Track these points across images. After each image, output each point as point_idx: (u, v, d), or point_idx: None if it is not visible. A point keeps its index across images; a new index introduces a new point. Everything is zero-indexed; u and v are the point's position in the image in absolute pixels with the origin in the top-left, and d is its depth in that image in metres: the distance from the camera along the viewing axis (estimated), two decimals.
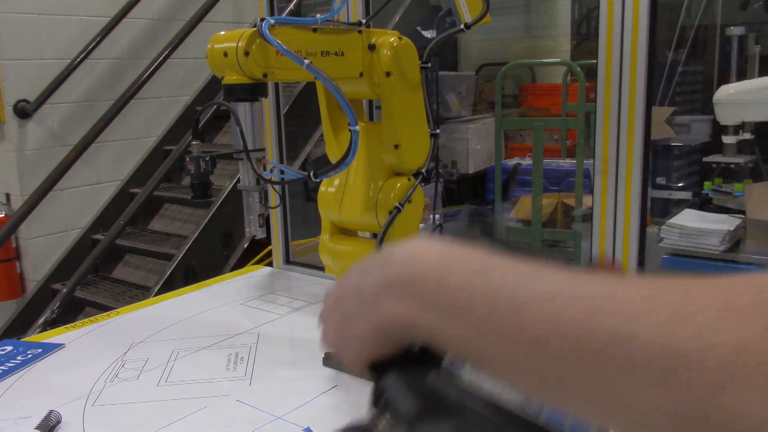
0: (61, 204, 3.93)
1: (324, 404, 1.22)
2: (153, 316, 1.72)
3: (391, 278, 0.51)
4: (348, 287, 0.57)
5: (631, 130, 1.36)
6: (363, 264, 0.57)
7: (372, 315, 0.52)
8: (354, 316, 0.55)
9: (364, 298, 0.54)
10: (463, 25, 1.31)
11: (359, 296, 0.54)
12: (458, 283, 0.46)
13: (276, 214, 2.10)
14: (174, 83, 4.39)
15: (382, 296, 0.51)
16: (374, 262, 0.55)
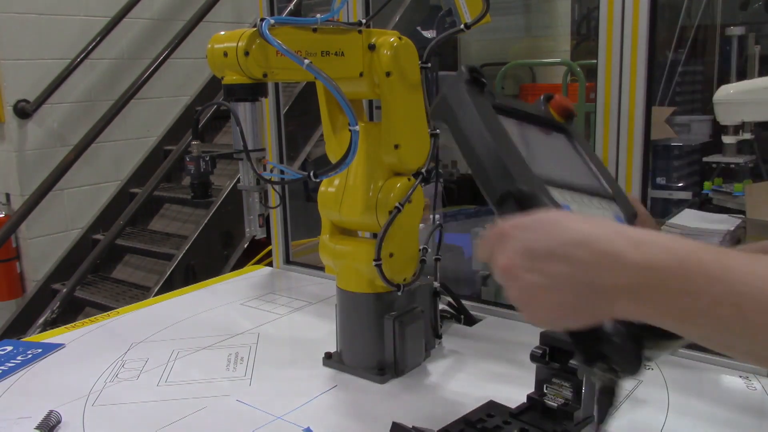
0: (61, 204, 3.93)
1: (324, 404, 1.22)
2: (153, 316, 1.72)
3: (630, 284, 0.54)
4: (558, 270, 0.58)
5: (631, 130, 1.36)
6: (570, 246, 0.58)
7: (599, 310, 0.57)
8: (569, 303, 0.58)
9: (588, 292, 0.56)
10: (463, 25, 1.31)
11: (578, 286, 0.57)
12: (700, 289, 0.51)
13: (276, 214, 2.10)
14: (174, 83, 4.39)
15: (616, 298, 0.55)
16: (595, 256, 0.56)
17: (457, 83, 0.77)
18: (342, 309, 1.35)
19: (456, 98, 0.76)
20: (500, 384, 1.26)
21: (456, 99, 0.76)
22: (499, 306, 1.68)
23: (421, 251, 1.35)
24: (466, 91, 0.76)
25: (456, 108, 0.75)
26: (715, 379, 1.27)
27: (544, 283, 0.58)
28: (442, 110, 0.77)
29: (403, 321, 1.29)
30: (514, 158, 0.71)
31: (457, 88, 0.76)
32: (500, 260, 0.62)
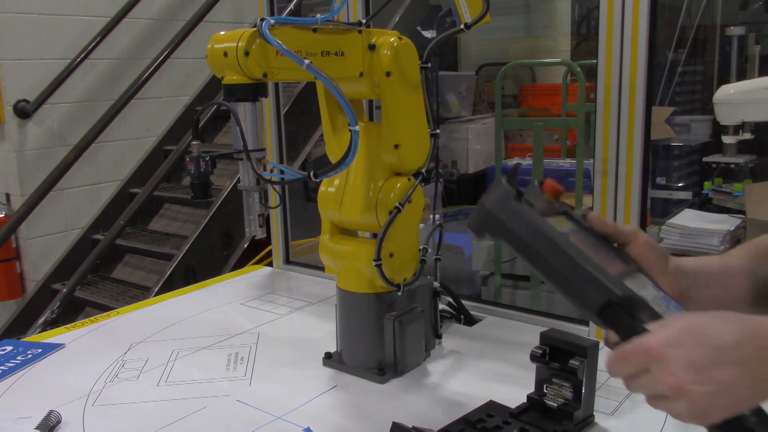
0: (61, 204, 3.93)
1: (324, 404, 1.22)
2: (153, 316, 1.72)
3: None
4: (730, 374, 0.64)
5: (631, 130, 1.36)
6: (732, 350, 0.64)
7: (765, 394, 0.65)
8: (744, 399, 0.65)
9: (761, 383, 0.64)
10: (463, 25, 1.31)
11: (753, 382, 0.64)
12: None
13: (276, 214, 2.10)
14: (174, 83, 4.39)
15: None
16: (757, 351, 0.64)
17: (504, 198, 0.79)
18: (342, 309, 1.35)
19: (508, 214, 0.78)
20: (500, 384, 1.26)
21: (509, 215, 0.78)
22: (499, 306, 1.68)
23: (421, 251, 1.35)
24: (517, 206, 0.78)
25: (515, 226, 0.78)
26: None
27: (718, 390, 0.64)
28: (493, 227, 0.79)
29: (403, 321, 1.29)
30: (594, 265, 0.75)
31: (505, 204, 0.78)
32: (667, 380, 0.65)
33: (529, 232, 0.77)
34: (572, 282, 0.75)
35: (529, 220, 0.77)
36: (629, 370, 0.69)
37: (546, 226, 0.77)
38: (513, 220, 0.78)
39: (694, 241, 2.53)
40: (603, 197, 1.41)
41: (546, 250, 0.76)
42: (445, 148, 4.54)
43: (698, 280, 0.87)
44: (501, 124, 3.58)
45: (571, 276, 0.75)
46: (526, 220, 0.77)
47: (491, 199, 0.80)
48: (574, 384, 1.07)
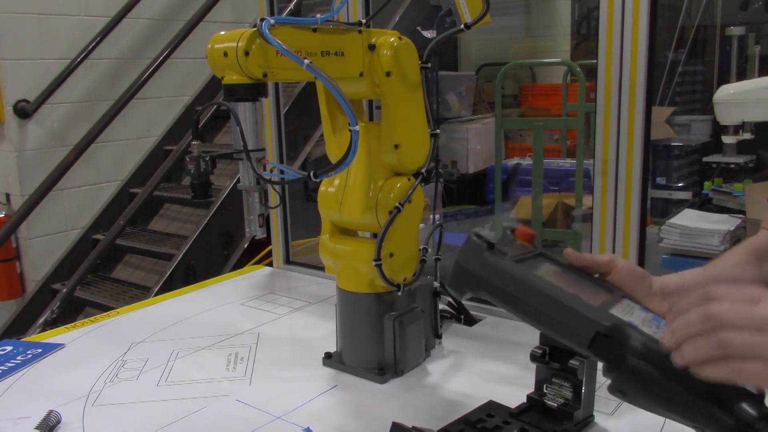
0: (61, 204, 3.93)
1: (324, 404, 1.22)
2: (153, 316, 1.72)
3: None
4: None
5: (631, 130, 1.36)
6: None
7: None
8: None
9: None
10: (463, 25, 1.31)
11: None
12: None
13: (276, 214, 2.10)
14: (174, 83, 4.39)
15: None
16: None
17: (476, 252, 0.80)
18: (342, 309, 1.35)
19: (482, 267, 0.80)
20: (500, 384, 1.26)
21: (483, 268, 0.80)
22: None
23: (421, 251, 1.35)
24: (489, 257, 0.80)
25: (490, 277, 0.79)
26: None
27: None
28: (470, 282, 0.81)
29: (403, 321, 1.29)
30: (576, 301, 0.77)
31: (478, 258, 0.80)
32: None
33: (506, 280, 0.78)
34: (558, 321, 0.77)
35: (503, 269, 0.79)
36: (683, 338, 0.66)
37: (521, 272, 0.79)
38: (488, 272, 0.79)
39: (694, 241, 2.53)
40: (603, 197, 1.41)
41: (525, 295, 0.77)
42: (445, 148, 4.54)
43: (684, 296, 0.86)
44: (501, 124, 3.58)
45: (555, 316, 0.76)
46: (500, 270, 0.79)
47: (463, 256, 0.82)
48: (574, 384, 1.07)
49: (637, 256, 1.41)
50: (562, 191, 3.95)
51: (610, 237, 1.43)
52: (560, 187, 4.03)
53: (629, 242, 1.41)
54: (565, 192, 3.91)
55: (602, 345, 0.74)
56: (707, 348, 0.64)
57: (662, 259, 2.59)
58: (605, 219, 1.43)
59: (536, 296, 0.77)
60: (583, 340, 0.75)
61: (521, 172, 4.24)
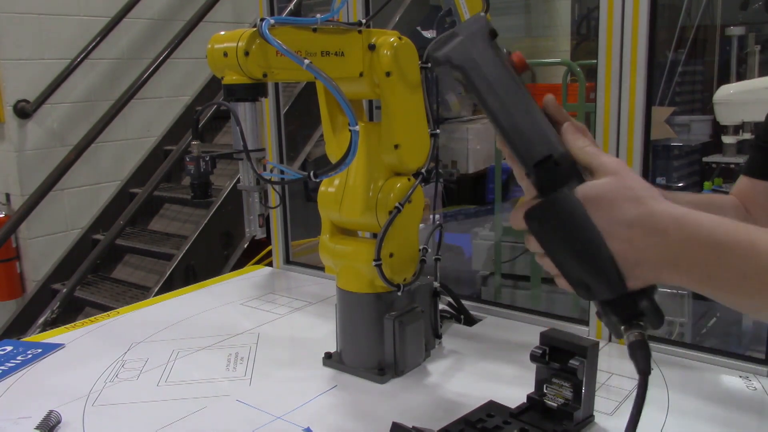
0: (61, 204, 3.93)
1: (324, 404, 1.22)
2: (153, 316, 1.72)
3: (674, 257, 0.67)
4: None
5: (631, 130, 1.36)
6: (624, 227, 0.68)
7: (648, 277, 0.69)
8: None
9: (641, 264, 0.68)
10: None
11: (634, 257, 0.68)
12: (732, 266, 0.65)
13: (276, 214, 2.10)
14: (174, 83, 4.39)
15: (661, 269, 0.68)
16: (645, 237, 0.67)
17: (481, 32, 0.78)
18: (342, 309, 1.35)
19: (480, 48, 0.78)
20: (500, 384, 1.26)
21: (480, 49, 0.78)
22: (499, 306, 1.68)
23: (421, 251, 1.35)
24: (491, 43, 0.78)
25: (483, 61, 0.78)
26: (715, 379, 1.27)
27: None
28: (461, 57, 0.78)
29: (403, 321, 1.29)
30: (545, 121, 0.76)
31: (481, 38, 0.78)
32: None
33: (495, 71, 0.77)
34: (519, 128, 0.75)
35: (497, 60, 0.77)
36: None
37: (511, 71, 0.78)
38: (483, 56, 0.78)
39: None
40: None
41: (505, 92, 0.77)
42: (445, 148, 4.54)
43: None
44: None
45: (520, 123, 0.75)
46: (493, 59, 0.77)
47: (467, 29, 0.79)
48: (574, 384, 1.07)
49: None
50: None
51: None
52: None
53: None
54: None
55: (547, 169, 0.73)
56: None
57: None
58: None
59: (514, 97, 0.77)
60: (533, 156, 0.74)
61: None
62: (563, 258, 0.72)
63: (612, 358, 1.37)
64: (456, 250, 3.65)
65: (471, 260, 3.63)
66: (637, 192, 0.68)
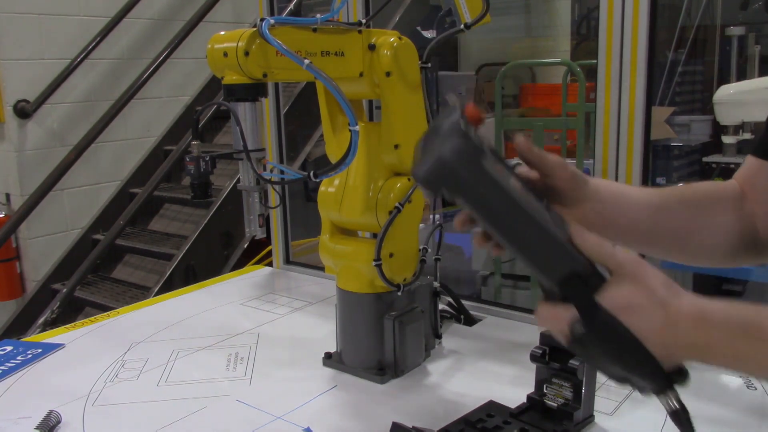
0: (61, 204, 3.93)
1: (324, 404, 1.22)
2: (153, 316, 1.72)
3: (694, 347, 0.71)
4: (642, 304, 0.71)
5: (631, 130, 1.36)
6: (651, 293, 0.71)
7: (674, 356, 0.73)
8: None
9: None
10: (463, 25, 1.31)
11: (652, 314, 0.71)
12: (748, 356, 0.69)
13: (276, 214, 2.10)
14: (174, 83, 4.39)
15: (684, 354, 0.72)
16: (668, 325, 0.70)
17: (473, 156, 0.70)
18: (342, 309, 1.35)
19: (474, 173, 0.69)
20: (500, 384, 1.26)
21: (475, 174, 0.69)
22: (499, 306, 1.68)
23: (421, 251, 1.35)
24: (486, 165, 0.70)
25: (480, 186, 0.70)
26: (715, 379, 1.27)
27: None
28: (453, 184, 0.70)
29: (403, 321, 1.29)
30: (557, 230, 0.72)
31: (473, 162, 0.70)
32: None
33: (496, 193, 0.70)
34: (535, 248, 0.72)
35: (497, 182, 0.70)
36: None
37: (513, 187, 0.71)
38: (479, 180, 0.70)
39: None
40: None
41: (511, 213, 0.71)
42: None
43: (612, 205, 0.91)
44: (501, 124, 3.58)
45: (535, 242, 0.72)
46: (493, 181, 0.70)
47: (453, 153, 0.69)
48: (574, 384, 1.07)
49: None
50: None
51: None
52: None
53: None
54: None
55: (573, 285, 0.71)
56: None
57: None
58: None
59: (522, 217, 0.71)
60: (555, 275, 0.71)
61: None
62: (605, 363, 0.74)
63: None
64: (456, 250, 3.65)
65: (471, 260, 3.63)
66: (660, 295, 0.71)
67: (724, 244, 0.94)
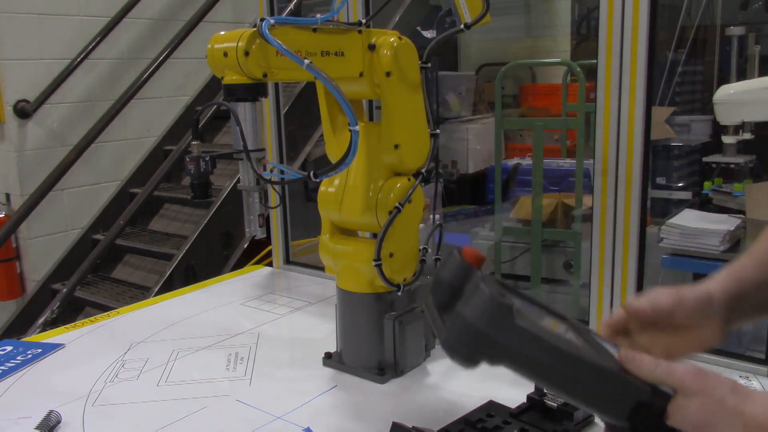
0: (61, 204, 3.93)
1: (324, 404, 1.22)
2: (153, 316, 1.72)
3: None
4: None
5: (631, 130, 1.36)
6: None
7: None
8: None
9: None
10: (463, 25, 1.31)
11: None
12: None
13: (276, 214, 2.10)
14: (174, 83, 4.39)
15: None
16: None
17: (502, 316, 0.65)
18: (342, 309, 1.35)
19: (508, 333, 0.65)
20: (500, 384, 1.25)
21: (509, 334, 0.65)
22: None
23: (421, 251, 1.35)
24: (525, 323, 0.65)
25: (518, 344, 0.65)
26: None
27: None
28: (491, 350, 0.65)
29: (403, 321, 1.29)
30: (611, 363, 0.69)
31: (506, 322, 0.65)
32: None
33: (537, 348, 0.65)
34: (592, 391, 0.68)
35: (536, 335, 0.65)
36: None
37: (551, 332, 0.67)
38: (517, 339, 0.65)
39: (694, 241, 2.53)
40: (603, 197, 1.41)
41: (558, 364, 0.66)
42: (445, 148, 4.54)
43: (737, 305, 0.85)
44: (501, 124, 3.58)
45: (590, 385, 0.67)
46: (532, 336, 0.65)
47: (482, 317, 0.65)
48: None
49: (637, 256, 1.41)
50: (562, 191, 3.95)
51: (610, 237, 1.43)
52: (560, 187, 4.03)
53: (629, 242, 1.41)
54: (565, 192, 3.91)
55: (641, 416, 0.67)
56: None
57: (662, 259, 2.59)
58: (605, 219, 1.43)
59: (571, 363, 0.66)
60: (621, 412, 0.68)
61: (521, 172, 4.23)
62: None
63: None
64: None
65: None
66: (731, 404, 0.68)
67: None
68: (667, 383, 0.70)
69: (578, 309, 3.06)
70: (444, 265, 0.76)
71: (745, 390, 0.70)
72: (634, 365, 0.71)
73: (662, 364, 0.71)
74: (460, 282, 0.72)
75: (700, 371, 0.71)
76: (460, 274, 0.72)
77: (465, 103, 4.86)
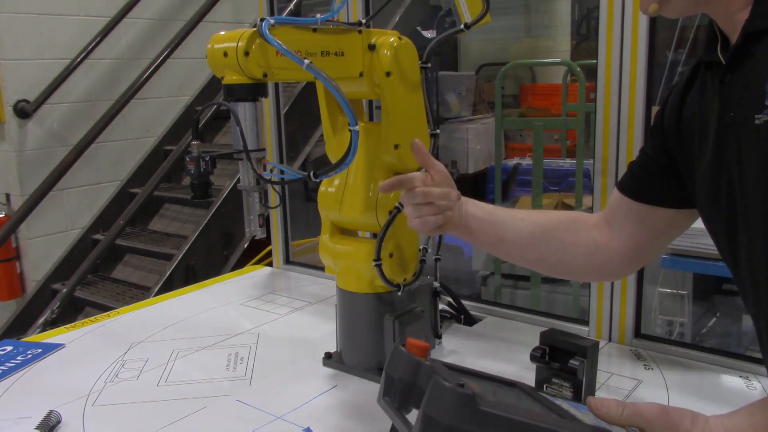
0: (61, 204, 3.93)
1: (324, 404, 1.22)
2: (153, 316, 1.72)
3: None
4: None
5: (631, 130, 1.36)
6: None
7: None
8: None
9: None
10: (463, 25, 1.31)
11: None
12: None
13: (276, 214, 2.10)
14: (174, 83, 4.39)
15: None
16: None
17: (465, 405, 0.66)
18: (342, 309, 1.35)
19: (482, 421, 0.66)
20: None
21: (483, 422, 0.66)
22: (499, 306, 1.68)
23: (421, 251, 1.35)
24: (490, 406, 0.67)
25: (480, 427, 0.66)
26: (715, 379, 1.27)
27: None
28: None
29: (403, 321, 1.29)
30: (578, 418, 0.74)
31: (471, 410, 0.66)
32: None
33: (505, 427, 0.66)
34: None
35: (502, 416, 0.66)
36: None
37: (518, 411, 0.68)
38: (485, 424, 0.66)
39: (693, 241, 2.53)
40: (603, 197, 1.41)
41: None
42: (445, 148, 4.54)
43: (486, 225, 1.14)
44: (501, 124, 3.58)
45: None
46: (498, 418, 0.66)
47: (448, 411, 0.65)
48: (574, 384, 1.07)
49: None
50: (562, 191, 3.95)
51: None
52: (560, 187, 4.03)
53: None
54: (565, 192, 3.91)
55: None
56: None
57: (662, 259, 2.59)
58: None
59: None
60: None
61: (521, 172, 4.23)
62: None
63: (612, 358, 1.37)
64: (456, 250, 3.65)
65: (471, 260, 3.63)
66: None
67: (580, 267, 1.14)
68: (635, 424, 0.77)
69: (578, 309, 3.06)
70: (391, 362, 0.77)
71: (701, 418, 0.79)
72: (603, 411, 0.78)
73: (629, 406, 0.78)
74: (411, 378, 0.74)
75: (663, 409, 0.79)
76: (410, 370, 0.74)
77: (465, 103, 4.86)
